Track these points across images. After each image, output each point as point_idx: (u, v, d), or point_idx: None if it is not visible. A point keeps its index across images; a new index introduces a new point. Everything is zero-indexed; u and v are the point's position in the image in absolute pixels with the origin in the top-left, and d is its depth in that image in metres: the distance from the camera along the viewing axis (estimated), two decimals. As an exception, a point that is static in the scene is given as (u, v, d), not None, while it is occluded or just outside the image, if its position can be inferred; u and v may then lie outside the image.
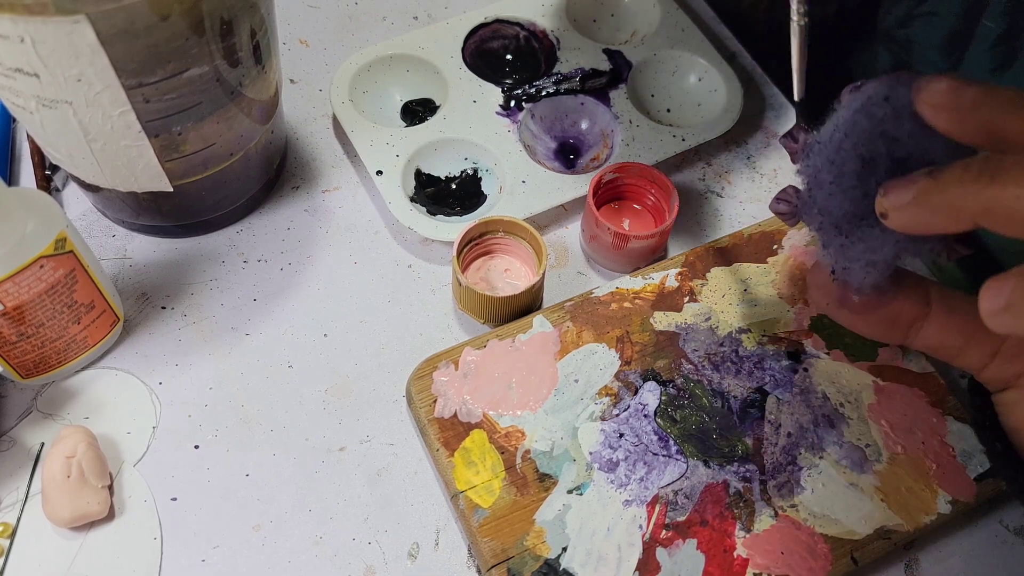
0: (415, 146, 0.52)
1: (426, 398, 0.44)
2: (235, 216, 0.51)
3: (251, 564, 0.41)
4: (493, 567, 0.40)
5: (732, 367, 0.46)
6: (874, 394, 0.45)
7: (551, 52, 0.58)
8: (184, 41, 0.38)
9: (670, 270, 0.49)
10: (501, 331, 0.46)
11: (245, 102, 0.44)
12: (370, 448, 0.45)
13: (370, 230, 0.52)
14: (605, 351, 0.46)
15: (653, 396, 0.45)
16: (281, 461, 0.44)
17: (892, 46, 0.53)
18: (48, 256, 0.40)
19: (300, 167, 0.54)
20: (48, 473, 0.40)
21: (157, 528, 0.42)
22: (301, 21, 0.61)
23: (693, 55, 0.57)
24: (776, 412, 0.44)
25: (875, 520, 0.42)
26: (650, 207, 0.52)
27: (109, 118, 0.39)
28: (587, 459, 0.43)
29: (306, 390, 0.46)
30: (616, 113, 0.55)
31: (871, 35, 0.56)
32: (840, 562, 0.41)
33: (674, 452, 0.43)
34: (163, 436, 0.44)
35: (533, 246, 0.48)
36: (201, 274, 0.50)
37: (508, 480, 0.42)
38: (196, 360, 0.47)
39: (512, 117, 0.54)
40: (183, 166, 0.44)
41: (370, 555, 0.42)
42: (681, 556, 0.40)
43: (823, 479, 0.43)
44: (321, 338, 0.48)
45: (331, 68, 0.59)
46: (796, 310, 0.47)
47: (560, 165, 0.55)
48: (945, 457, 0.43)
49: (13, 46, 0.35)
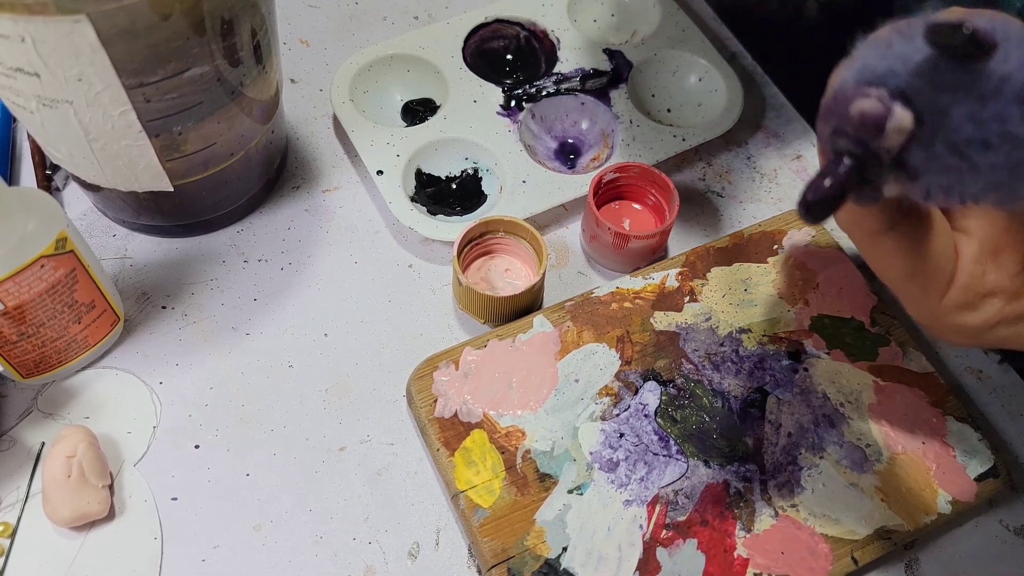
0: (415, 146, 0.52)
1: (426, 398, 0.44)
2: (235, 216, 0.51)
3: (251, 564, 0.41)
4: (493, 567, 0.40)
5: (732, 367, 0.46)
6: (874, 394, 0.45)
7: (551, 52, 0.58)
8: (185, 41, 0.38)
9: (670, 270, 0.49)
10: (501, 331, 0.46)
11: (245, 102, 0.44)
12: (370, 448, 0.45)
13: (370, 230, 0.52)
14: (605, 351, 0.46)
15: (653, 396, 0.45)
16: (281, 461, 0.44)
17: None
18: (49, 256, 0.40)
19: (300, 167, 0.54)
20: (48, 473, 0.40)
21: (157, 528, 0.42)
22: (301, 21, 0.61)
23: (693, 55, 0.57)
24: (776, 412, 0.44)
25: (875, 520, 0.42)
26: (650, 207, 0.52)
27: (110, 118, 0.39)
28: (587, 459, 0.43)
29: (306, 390, 0.46)
30: (616, 113, 0.55)
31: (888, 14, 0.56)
32: (840, 562, 0.41)
33: (674, 452, 0.43)
34: (163, 436, 0.44)
35: (533, 246, 0.48)
36: (201, 274, 0.50)
37: (508, 480, 0.42)
38: (196, 360, 0.47)
39: (512, 117, 0.54)
40: (183, 166, 0.44)
41: (370, 555, 0.42)
42: (681, 556, 0.40)
43: (823, 479, 0.43)
44: (321, 338, 0.48)
45: (331, 68, 0.59)
46: (796, 310, 0.47)
47: (560, 165, 0.55)
48: (945, 457, 0.43)
49: (14, 46, 0.35)
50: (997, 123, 0.25)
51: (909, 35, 0.26)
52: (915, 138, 0.26)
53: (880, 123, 0.26)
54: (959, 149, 0.26)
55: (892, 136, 0.26)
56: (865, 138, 0.26)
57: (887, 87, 0.26)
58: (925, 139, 0.26)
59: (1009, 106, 0.25)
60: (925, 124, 0.26)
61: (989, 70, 0.25)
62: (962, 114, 0.25)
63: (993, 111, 0.25)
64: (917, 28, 0.26)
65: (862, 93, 0.26)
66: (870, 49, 0.27)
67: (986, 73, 0.25)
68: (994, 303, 0.33)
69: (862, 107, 0.26)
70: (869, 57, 0.27)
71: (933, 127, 0.26)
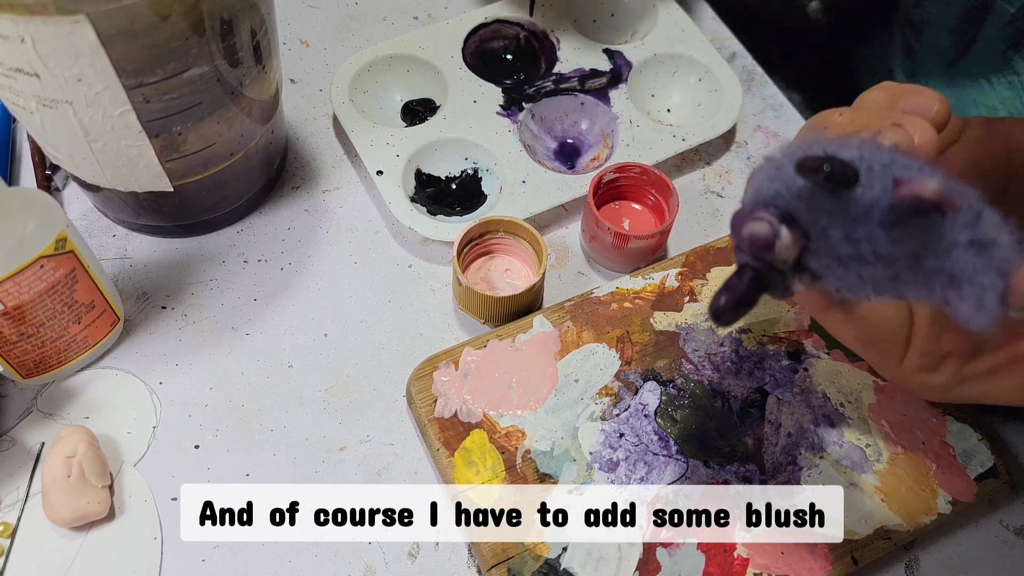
0: (415, 146, 0.52)
1: (426, 398, 0.44)
2: (235, 216, 0.51)
3: (251, 564, 0.41)
4: (493, 567, 0.40)
5: (732, 367, 0.46)
6: (874, 394, 0.45)
7: (551, 52, 0.58)
8: (184, 41, 0.38)
9: (670, 270, 0.49)
10: (501, 331, 0.46)
11: (245, 102, 0.44)
12: (370, 448, 0.45)
13: (370, 230, 0.52)
14: (605, 351, 0.46)
15: (653, 396, 0.45)
16: (281, 461, 0.44)
17: (906, 28, 0.54)
18: (48, 256, 0.40)
19: (300, 167, 0.54)
20: (48, 473, 0.40)
21: (157, 528, 0.42)
22: (301, 21, 0.61)
23: (693, 55, 0.57)
24: (776, 412, 0.44)
25: (875, 520, 0.42)
26: (650, 207, 0.52)
27: (109, 118, 0.39)
28: (587, 459, 0.43)
29: (306, 390, 0.46)
30: (616, 113, 0.55)
31: (889, 18, 0.56)
32: (840, 562, 0.41)
33: (674, 452, 0.43)
34: (163, 436, 0.44)
35: (533, 246, 0.48)
36: (201, 274, 0.50)
37: (508, 480, 0.42)
38: (196, 360, 0.47)
39: (512, 117, 0.54)
40: (183, 166, 0.44)
41: (370, 555, 0.42)
42: (681, 556, 0.40)
43: (823, 479, 0.43)
44: (321, 338, 0.48)
45: (331, 68, 0.59)
46: (796, 310, 0.47)
47: (560, 165, 0.55)
48: (945, 457, 0.43)
49: (13, 46, 0.35)
50: (868, 243, 0.28)
51: (791, 162, 0.29)
52: (807, 250, 0.29)
53: (770, 243, 0.28)
54: (844, 262, 0.29)
55: (783, 253, 0.29)
56: (760, 255, 0.29)
57: (778, 208, 0.29)
58: (816, 251, 0.29)
59: (876, 229, 0.28)
60: (812, 241, 0.29)
61: (856, 197, 0.27)
62: (838, 235, 0.28)
63: (863, 233, 0.28)
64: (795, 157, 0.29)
65: (753, 217, 0.29)
66: (762, 171, 0.30)
67: (853, 200, 0.27)
68: (953, 363, 0.34)
69: (752, 230, 0.29)
70: (761, 179, 0.29)
71: (819, 244, 0.29)
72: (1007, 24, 0.46)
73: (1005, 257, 0.27)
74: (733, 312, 0.29)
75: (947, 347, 0.34)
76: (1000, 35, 0.46)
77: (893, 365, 0.35)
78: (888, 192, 0.27)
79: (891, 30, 0.56)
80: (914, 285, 0.29)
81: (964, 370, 0.34)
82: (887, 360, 0.35)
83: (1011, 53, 0.46)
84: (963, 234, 0.27)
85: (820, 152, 0.28)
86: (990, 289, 0.27)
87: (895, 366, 0.35)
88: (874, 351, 0.35)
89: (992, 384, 0.35)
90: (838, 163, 0.27)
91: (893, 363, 0.35)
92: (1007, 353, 0.34)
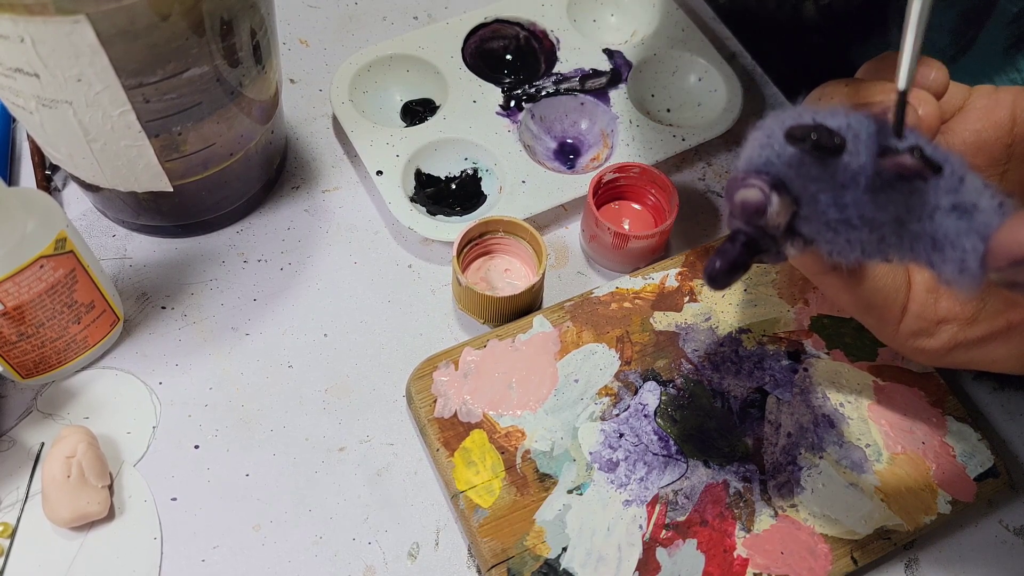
0: (415, 146, 0.52)
1: (426, 398, 0.44)
2: (235, 216, 0.51)
3: (251, 564, 0.41)
4: (493, 567, 0.40)
5: (732, 367, 0.46)
6: (874, 394, 0.45)
7: (551, 52, 0.58)
8: (184, 41, 0.38)
9: (670, 270, 0.49)
10: (501, 331, 0.46)
11: (245, 102, 0.44)
12: (370, 448, 0.45)
13: (370, 230, 0.52)
14: (605, 351, 0.46)
15: (653, 396, 0.45)
16: (281, 461, 0.44)
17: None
18: (48, 256, 0.40)
19: (300, 167, 0.54)
20: (48, 473, 0.40)
21: (157, 528, 0.42)
22: (301, 21, 0.61)
23: (693, 55, 0.57)
24: (776, 412, 0.44)
25: (875, 520, 0.42)
26: (650, 207, 0.52)
27: (109, 118, 0.39)
28: (587, 459, 0.43)
29: (306, 390, 0.46)
30: (616, 113, 0.55)
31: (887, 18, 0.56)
32: (840, 562, 0.41)
33: (674, 452, 0.43)
34: (163, 436, 0.44)
35: (533, 246, 0.48)
36: (201, 274, 0.50)
37: (508, 480, 0.42)
38: (196, 360, 0.47)
39: (512, 117, 0.54)
40: (183, 166, 0.44)
41: (370, 555, 0.42)
42: (681, 556, 0.40)
43: (823, 479, 0.43)
44: (321, 338, 0.48)
45: (331, 68, 0.59)
46: (796, 310, 0.47)
47: (560, 165, 0.55)
48: (945, 457, 0.43)
49: (13, 46, 0.35)
50: (855, 208, 0.29)
51: (783, 128, 0.30)
52: (798, 216, 0.30)
53: (761, 209, 0.29)
54: (832, 227, 0.30)
55: (774, 219, 0.29)
56: (752, 221, 0.30)
57: (769, 175, 0.29)
58: (806, 217, 0.30)
59: (862, 195, 0.28)
60: (802, 206, 0.30)
61: (843, 164, 0.28)
62: (827, 200, 0.29)
63: (850, 199, 0.29)
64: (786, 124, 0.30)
65: (745, 184, 0.29)
66: (755, 139, 0.30)
67: (840, 167, 0.28)
68: (949, 329, 0.34)
69: (744, 196, 0.29)
70: (753, 147, 0.30)
71: (809, 209, 0.30)
72: (1010, 22, 0.46)
73: (986, 221, 0.27)
74: (727, 276, 0.30)
75: (943, 313, 0.34)
76: (1003, 33, 0.46)
77: (890, 330, 0.35)
78: (874, 159, 0.28)
79: (890, 30, 0.56)
80: (900, 248, 0.29)
81: (959, 336, 0.35)
82: (884, 325, 0.35)
83: (1014, 51, 0.46)
84: (946, 199, 0.28)
85: (809, 121, 0.29)
86: (971, 252, 0.27)
87: (892, 331, 0.35)
88: (871, 316, 0.35)
89: (987, 351, 0.35)
90: (825, 131, 0.27)
91: (890, 328, 0.35)
92: (1003, 320, 0.34)
